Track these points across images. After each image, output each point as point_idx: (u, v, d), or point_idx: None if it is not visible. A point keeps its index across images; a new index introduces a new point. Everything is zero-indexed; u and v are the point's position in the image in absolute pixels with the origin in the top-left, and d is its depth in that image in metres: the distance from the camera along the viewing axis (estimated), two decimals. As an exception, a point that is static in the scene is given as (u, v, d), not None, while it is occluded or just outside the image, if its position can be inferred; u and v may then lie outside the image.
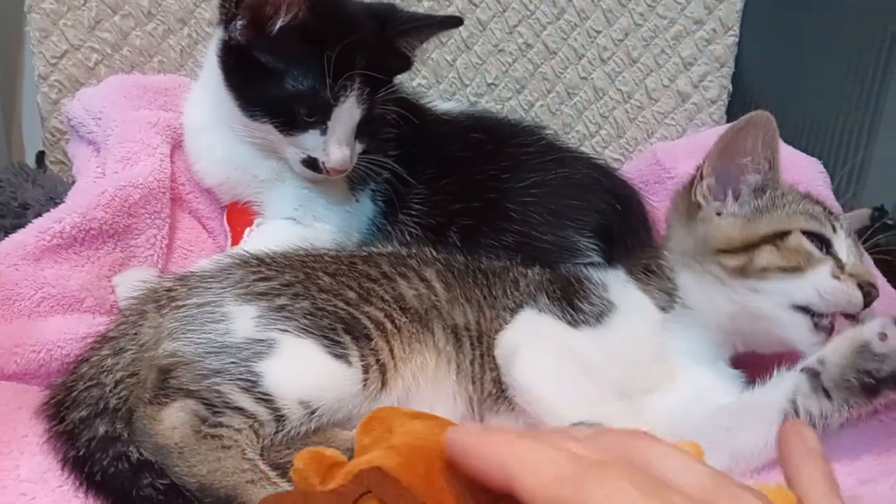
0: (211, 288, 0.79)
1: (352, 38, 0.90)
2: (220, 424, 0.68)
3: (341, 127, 0.94)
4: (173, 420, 0.68)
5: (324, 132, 0.94)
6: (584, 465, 0.39)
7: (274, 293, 0.77)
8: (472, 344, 0.83)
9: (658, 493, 0.37)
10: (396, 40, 0.99)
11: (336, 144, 0.94)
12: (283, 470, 0.68)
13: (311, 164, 0.96)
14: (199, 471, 0.66)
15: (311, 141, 0.95)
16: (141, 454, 0.68)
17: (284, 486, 0.65)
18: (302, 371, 0.73)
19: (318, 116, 0.93)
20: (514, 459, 0.41)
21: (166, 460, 0.67)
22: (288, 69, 0.91)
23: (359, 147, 0.98)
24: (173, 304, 0.78)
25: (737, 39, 1.45)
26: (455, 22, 1.09)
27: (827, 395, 0.76)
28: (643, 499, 0.36)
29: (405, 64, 1.03)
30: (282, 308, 0.76)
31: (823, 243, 0.83)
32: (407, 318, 0.81)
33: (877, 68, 1.33)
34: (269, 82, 0.93)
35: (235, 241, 1.08)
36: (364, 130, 0.97)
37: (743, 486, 0.40)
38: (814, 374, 0.78)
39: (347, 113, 0.93)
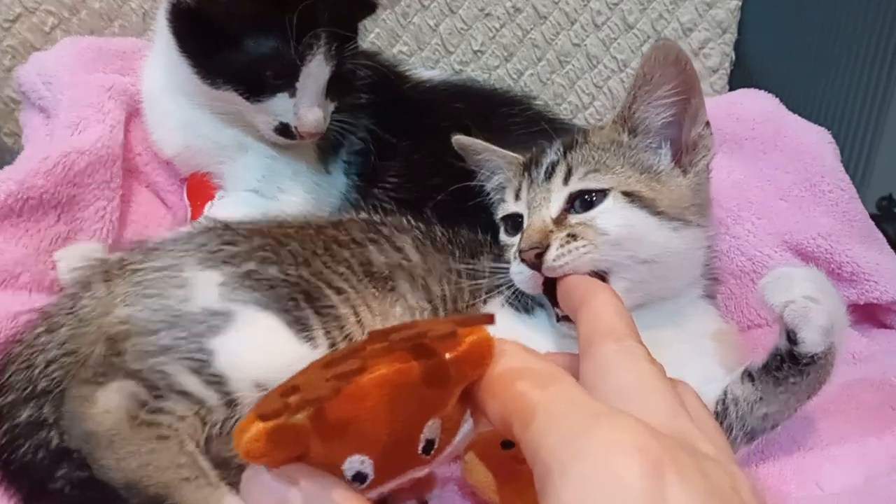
0: (170, 251, 0.75)
1: None
2: (161, 410, 0.64)
3: (311, 87, 0.90)
4: (108, 402, 0.63)
5: (293, 94, 0.90)
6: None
7: (242, 258, 0.74)
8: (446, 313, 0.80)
9: None
10: None
11: (307, 106, 0.91)
12: (227, 465, 0.63)
13: (283, 130, 0.92)
14: (129, 465, 0.61)
15: (280, 105, 0.91)
16: (62, 440, 0.63)
17: (224, 487, 0.61)
18: (260, 348, 0.68)
19: (285, 79, 0.89)
20: None
21: (93, 451, 0.62)
22: (246, 32, 0.87)
23: (330, 106, 0.95)
24: (127, 270, 0.73)
25: (740, 3, 1.42)
26: None
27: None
28: None
29: (369, 9, 0.99)
30: (248, 275, 0.72)
31: None
32: (374, 284, 0.78)
33: (887, 53, 1.26)
34: (228, 48, 0.88)
35: (195, 217, 1.03)
36: (333, 88, 0.93)
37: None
38: None
39: (316, 71, 0.89)
